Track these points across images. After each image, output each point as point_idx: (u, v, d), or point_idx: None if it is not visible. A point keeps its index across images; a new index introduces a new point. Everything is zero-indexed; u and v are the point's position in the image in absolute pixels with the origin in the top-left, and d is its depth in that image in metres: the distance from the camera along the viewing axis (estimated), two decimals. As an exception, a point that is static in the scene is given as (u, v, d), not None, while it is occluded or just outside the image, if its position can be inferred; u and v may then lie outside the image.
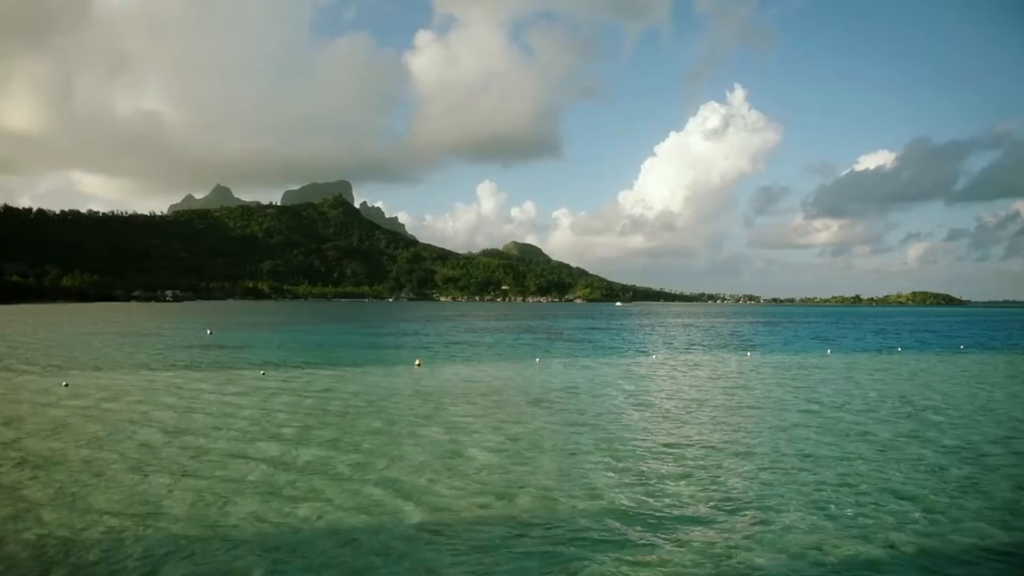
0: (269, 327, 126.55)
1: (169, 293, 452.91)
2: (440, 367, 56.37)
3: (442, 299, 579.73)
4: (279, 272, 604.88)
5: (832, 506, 19.33)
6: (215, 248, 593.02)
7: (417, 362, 58.16)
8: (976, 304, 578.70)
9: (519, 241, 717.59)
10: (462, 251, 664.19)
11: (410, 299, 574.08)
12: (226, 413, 33.24)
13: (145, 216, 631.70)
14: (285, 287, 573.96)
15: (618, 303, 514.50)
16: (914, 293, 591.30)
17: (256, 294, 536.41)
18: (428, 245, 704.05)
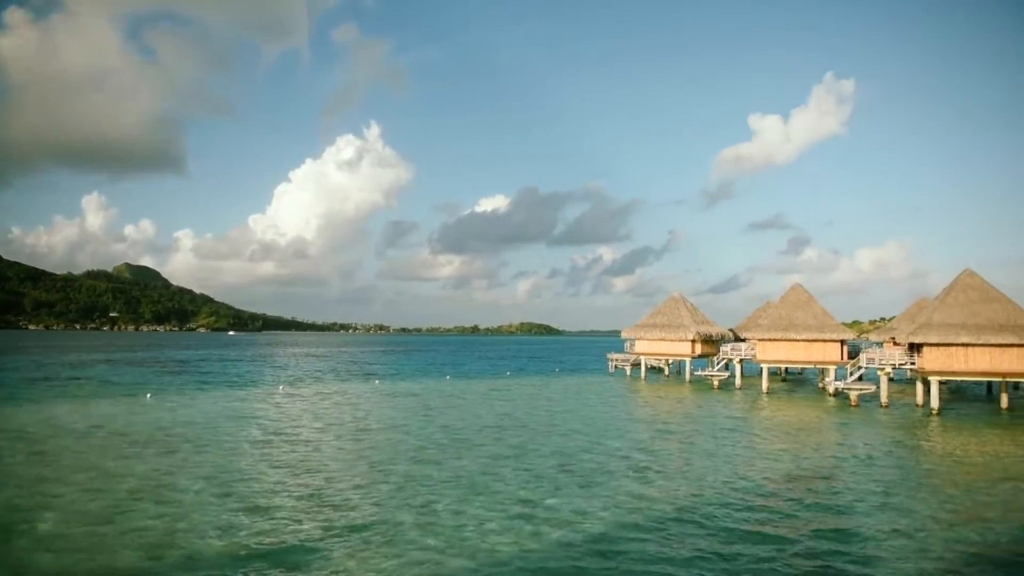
0: None
1: None
2: (22, 409, 47.86)
3: (31, 327, 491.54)
4: None
5: (445, 521, 20.77)
6: None
7: (-9, 403, 48.56)
8: (570, 333, 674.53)
9: (133, 263, 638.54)
10: (60, 271, 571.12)
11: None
12: None
13: None
14: None
15: (231, 332, 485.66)
16: (522, 323, 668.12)
17: None
18: (14, 263, 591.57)
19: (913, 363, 52.90)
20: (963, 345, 48.64)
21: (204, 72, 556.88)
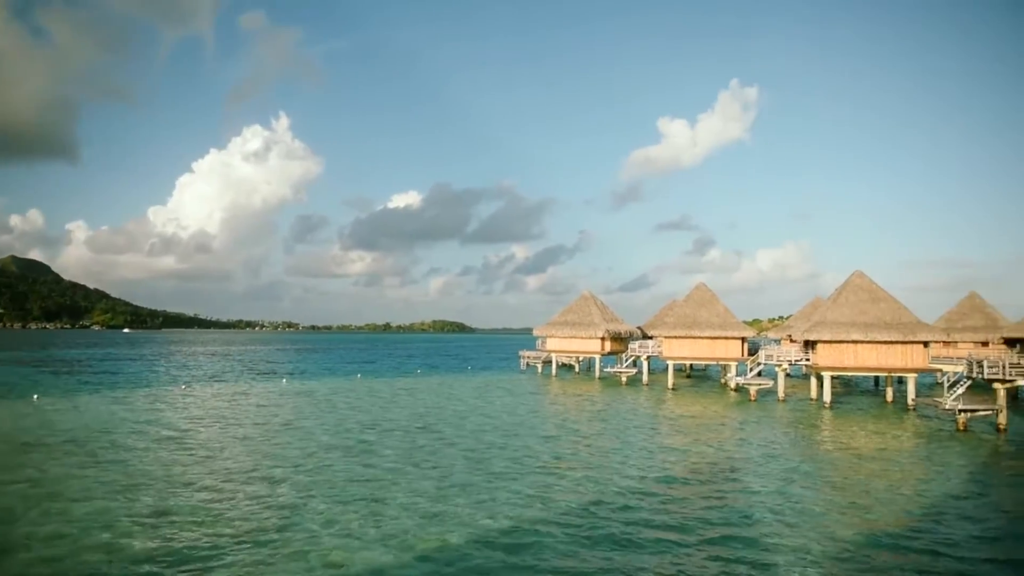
0: None
1: None
2: None
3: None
4: None
5: (353, 524, 20.35)
6: None
7: None
8: (482, 331, 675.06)
9: (20, 255, 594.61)
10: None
11: None
12: None
13: None
14: None
15: (126, 330, 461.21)
16: (435, 321, 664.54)
17: None
18: None
19: (808, 359, 55.53)
20: (853, 342, 51.42)
21: (101, 56, 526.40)
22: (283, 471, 27.82)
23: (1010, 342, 64.15)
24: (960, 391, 42.36)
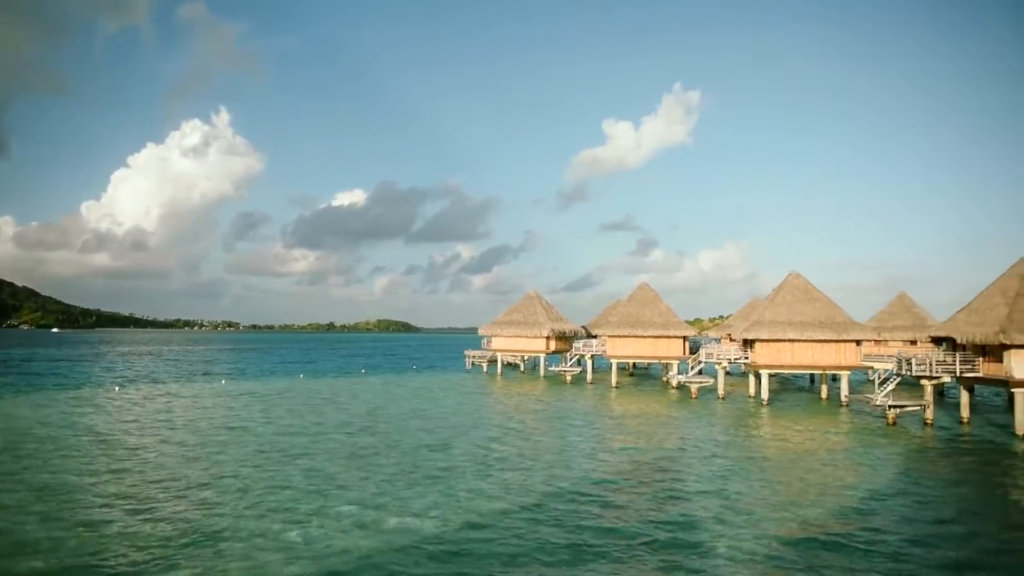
0: None
1: None
2: None
3: None
4: None
5: (287, 532, 19.82)
6: None
7: None
8: (427, 330, 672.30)
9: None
10: None
11: None
12: None
13: None
14: None
15: (55, 329, 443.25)
16: (379, 320, 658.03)
17: None
18: None
19: (746, 358, 56.71)
20: (789, 341, 52.75)
21: (31, 45, 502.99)
22: (216, 477, 26.97)
23: (936, 340, 66.52)
24: (890, 388, 43.86)
